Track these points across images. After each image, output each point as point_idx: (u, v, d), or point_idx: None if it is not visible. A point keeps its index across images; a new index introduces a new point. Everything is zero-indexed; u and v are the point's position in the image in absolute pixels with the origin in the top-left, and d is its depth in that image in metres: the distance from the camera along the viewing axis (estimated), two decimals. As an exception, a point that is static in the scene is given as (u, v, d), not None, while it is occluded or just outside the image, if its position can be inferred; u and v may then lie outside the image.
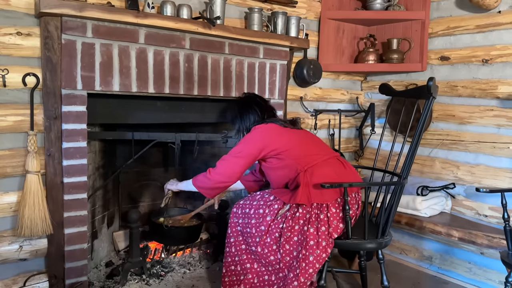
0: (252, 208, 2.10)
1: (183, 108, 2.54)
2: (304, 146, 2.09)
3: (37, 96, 1.93)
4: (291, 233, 1.94)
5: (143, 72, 2.14)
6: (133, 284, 2.39)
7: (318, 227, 1.92)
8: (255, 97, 2.31)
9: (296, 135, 2.13)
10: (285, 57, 2.64)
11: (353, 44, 3.11)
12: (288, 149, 2.05)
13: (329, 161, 2.06)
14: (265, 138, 2.06)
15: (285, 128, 2.12)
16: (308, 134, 2.23)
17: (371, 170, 2.37)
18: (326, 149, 2.15)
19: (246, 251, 2.12)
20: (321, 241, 1.90)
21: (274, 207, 2.04)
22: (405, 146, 2.23)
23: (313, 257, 1.90)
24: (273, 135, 2.08)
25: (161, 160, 3.04)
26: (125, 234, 2.71)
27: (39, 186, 1.89)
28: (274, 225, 2.00)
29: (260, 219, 2.04)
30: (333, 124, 3.09)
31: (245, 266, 2.11)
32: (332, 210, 1.94)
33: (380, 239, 1.97)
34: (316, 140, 2.21)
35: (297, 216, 1.95)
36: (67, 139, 1.97)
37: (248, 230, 2.08)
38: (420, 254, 2.89)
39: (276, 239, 1.98)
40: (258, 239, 2.02)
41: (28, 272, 1.96)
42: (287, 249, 1.95)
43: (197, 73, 2.32)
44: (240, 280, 2.10)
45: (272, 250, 1.99)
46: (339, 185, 1.87)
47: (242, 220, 2.12)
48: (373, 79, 3.25)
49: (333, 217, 1.94)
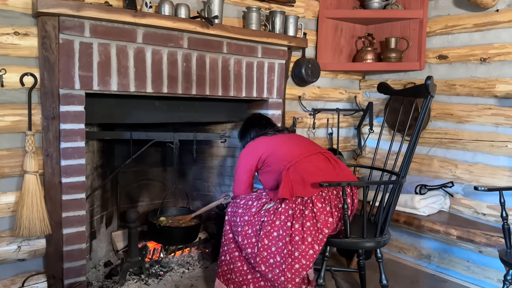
0: (243, 199, 2.16)
1: (182, 107, 2.53)
2: (287, 147, 2.16)
3: (35, 96, 1.92)
4: (271, 227, 1.95)
5: (141, 72, 2.13)
6: (132, 284, 2.39)
7: (303, 222, 1.93)
8: (259, 117, 2.45)
9: (281, 139, 2.23)
10: (283, 56, 2.64)
11: (351, 43, 3.11)
12: (271, 152, 2.14)
13: (311, 157, 2.10)
14: (252, 151, 2.21)
15: (272, 136, 2.24)
16: (294, 136, 2.31)
17: (370, 169, 2.37)
18: (310, 148, 2.18)
19: (233, 240, 2.14)
20: (307, 236, 1.90)
21: (261, 201, 2.09)
22: (403, 145, 2.24)
23: (298, 252, 1.90)
24: (261, 146, 2.21)
25: (159, 159, 3.03)
26: (123, 234, 2.71)
27: (37, 186, 1.89)
28: (257, 217, 2.02)
29: (246, 209, 2.08)
30: (331, 123, 3.10)
31: (233, 255, 2.13)
32: (318, 205, 1.95)
33: (379, 238, 1.97)
34: (302, 141, 2.26)
35: (279, 211, 1.97)
36: (65, 139, 1.97)
37: (234, 219, 2.12)
38: (418, 253, 2.89)
39: (256, 232, 2.00)
40: (240, 229, 2.05)
41: (26, 273, 1.96)
42: (265, 244, 1.95)
43: (196, 73, 2.32)
44: (231, 269, 2.12)
45: (250, 242, 2.01)
46: (337, 184, 1.87)
47: (231, 209, 2.17)
48: (371, 78, 3.26)
49: (320, 212, 1.94)
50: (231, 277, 2.09)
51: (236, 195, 2.26)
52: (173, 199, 3.07)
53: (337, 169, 2.07)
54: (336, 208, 1.95)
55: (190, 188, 3.03)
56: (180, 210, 2.83)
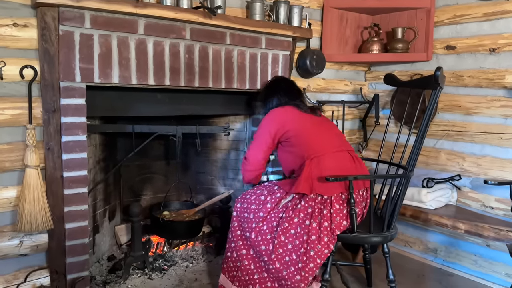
0: (254, 194, 2.10)
1: (184, 100, 2.49)
2: (316, 134, 2.06)
3: (35, 89, 1.89)
4: (289, 224, 1.91)
5: (143, 64, 2.09)
6: (135, 278, 2.37)
7: (320, 222, 1.89)
8: (282, 80, 2.33)
9: (311, 121, 2.11)
10: (287, 48, 2.58)
11: (357, 33, 3.05)
12: (298, 134, 2.04)
13: (338, 154, 2.03)
14: (278, 120, 2.09)
15: (303, 113, 2.12)
16: (325, 122, 2.20)
17: (376, 162, 2.33)
18: (338, 141, 2.11)
19: (241, 237, 2.09)
20: (323, 236, 1.87)
21: (276, 195, 2.02)
22: (410, 137, 2.19)
23: (314, 251, 1.87)
24: (288, 117, 2.09)
25: (162, 153, 3.01)
26: (127, 228, 2.69)
27: (38, 181, 1.86)
28: (273, 213, 1.97)
29: (260, 205, 2.02)
30: (336, 116, 3.05)
31: (240, 253, 2.08)
32: (336, 206, 1.91)
33: (386, 233, 1.93)
34: (332, 130, 2.17)
35: (298, 208, 1.92)
36: (66, 132, 1.94)
37: (245, 215, 2.06)
38: (424, 247, 2.86)
39: (272, 228, 1.95)
40: (254, 225, 2.00)
41: (29, 268, 1.94)
42: (282, 240, 1.91)
43: (198, 65, 2.27)
44: (237, 266, 2.08)
45: (265, 239, 1.96)
46: (344, 178, 1.83)
47: (241, 205, 2.11)
48: (377, 69, 3.20)
49: (336, 213, 1.90)
50: (237, 275, 2.05)
51: (251, 163, 2.16)
52: (176, 193, 3.05)
53: (359, 169, 2.03)
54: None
55: (194, 182, 3.00)
56: (183, 204, 2.80)
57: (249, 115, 2.80)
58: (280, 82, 2.35)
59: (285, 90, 2.26)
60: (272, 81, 2.39)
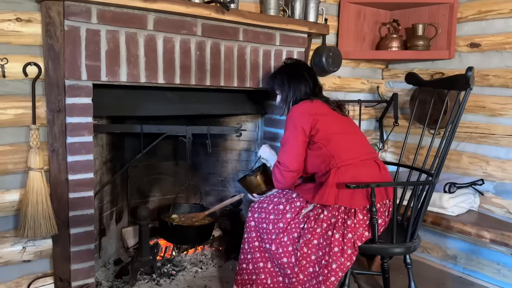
0: (271, 203, 1.97)
1: (195, 99, 2.39)
2: (345, 139, 1.89)
3: (39, 87, 1.80)
4: (311, 235, 1.80)
5: (152, 61, 1.99)
6: (143, 284, 2.28)
7: (344, 233, 1.77)
8: (304, 67, 2.08)
9: (340, 123, 1.94)
10: (302, 44, 2.46)
11: (375, 30, 2.92)
12: (328, 137, 1.85)
13: (365, 163, 1.89)
14: (310, 114, 1.87)
15: (332, 111, 1.95)
16: (352, 124, 2.04)
17: (397, 166, 2.21)
18: (365, 147, 1.96)
19: (259, 248, 1.98)
20: (347, 249, 1.76)
21: (296, 204, 1.90)
22: (429, 139, 2.07)
23: (336, 265, 1.75)
24: (320, 113, 1.89)
25: (171, 153, 2.91)
26: (134, 230, 2.60)
27: (42, 184, 1.78)
28: (294, 224, 1.85)
29: (280, 215, 1.89)
30: (352, 116, 2.91)
31: (257, 265, 1.98)
32: (359, 216, 1.79)
33: (409, 243, 1.82)
34: (359, 134, 2.01)
35: (321, 218, 1.81)
36: (71, 133, 1.85)
37: (264, 225, 1.94)
38: (443, 253, 2.74)
39: (293, 240, 1.84)
40: (274, 236, 1.88)
41: (32, 274, 1.86)
42: (305, 252, 1.81)
43: (210, 62, 2.16)
44: (252, 280, 1.98)
45: (287, 251, 1.85)
46: (366, 186, 1.71)
47: (258, 215, 1.99)
48: (395, 68, 3.06)
49: (359, 224, 1.79)
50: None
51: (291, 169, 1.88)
52: (185, 194, 2.95)
53: (385, 179, 1.90)
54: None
55: (203, 183, 2.90)
56: (193, 207, 2.70)
57: (262, 115, 2.69)
58: (302, 68, 2.06)
59: (312, 79, 2.03)
60: (293, 65, 2.07)
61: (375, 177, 1.86)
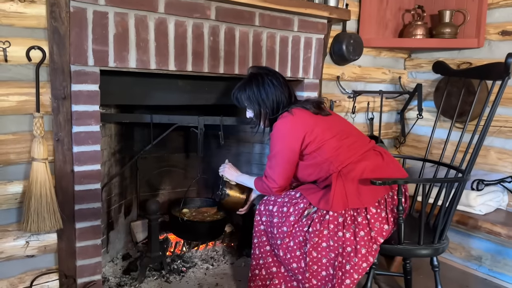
0: (276, 205, 1.84)
1: (207, 88, 2.27)
2: (339, 140, 1.75)
3: (43, 72, 1.69)
4: (318, 238, 1.68)
5: (163, 47, 1.87)
6: (151, 281, 2.18)
7: (355, 231, 1.65)
8: (276, 72, 1.91)
9: (329, 126, 1.78)
10: (322, 31, 2.31)
11: (398, 16, 2.75)
12: (322, 145, 1.73)
13: (366, 155, 1.76)
14: (301, 132, 1.74)
15: (314, 115, 1.79)
16: (338, 120, 1.90)
17: (422, 161, 2.06)
18: (360, 140, 1.82)
19: (271, 253, 1.87)
20: (360, 248, 1.63)
21: (299, 206, 1.77)
22: (463, 134, 1.92)
23: (350, 265, 1.63)
24: (306, 127, 1.74)
25: (182, 145, 2.80)
26: (143, 224, 2.51)
27: (46, 175, 1.67)
28: (298, 227, 1.73)
29: (283, 218, 1.77)
30: (372, 107, 2.78)
31: (270, 270, 1.86)
32: (372, 210, 1.67)
33: (437, 245, 1.68)
34: (349, 128, 1.87)
35: (327, 219, 1.68)
36: (77, 122, 1.74)
37: (271, 229, 1.83)
38: (467, 254, 2.59)
39: (299, 244, 1.72)
40: (279, 242, 1.77)
41: (36, 270, 1.77)
42: (315, 256, 1.68)
43: (224, 48, 2.04)
44: (266, 285, 1.86)
45: (295, 256, 1.74)
46: (393, 182, 1.58)
47: (266, 218, 1.87)
48: (419, 57, 2.89)
49: (374, 218, 1.66)
50: None
51: (279, 188, 1.83)
52: (196, 188, 2.85)
53: (391, 166, 1.77)
54: (392, 212, 1.67)
55: (215, 176, 2.78)
56: (204, 201, 2.59)
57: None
58: (273, 76, 1.86)
59: (287, 87, 1.86)
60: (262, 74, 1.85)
61: (380, 166, 1.73)
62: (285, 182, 1.84)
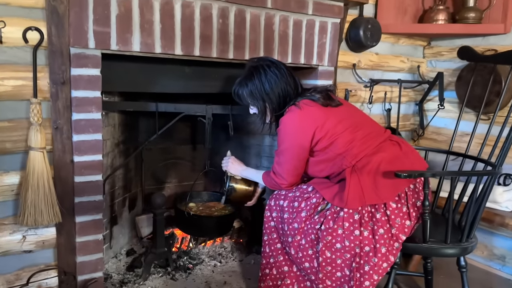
0: (286, 199, 1.72)
1: (215, 76, 2.14)
2: (352, 132, 1.61)
3: (41, 55, 1.57)
4: (332, 237, 1.55)
5: (169, 29, 1.74)
6: (156, 278, 2.08)
7: (374, 229, 1.53)
8: (280, 62, 1.77)
9: (341, 118, 1.64)
10: (338, 14, 2.17)
11: (418, 1, 2.60)
12: (334, 140, 1.60)
13: (382, 146, 1.62)
14: (311, 128, 1.61)
15: (323, 108, 1.64)
16: (349, 109, 1.75)
17: (446, 154, 1.92)
18: (375, 130, 1.68)
19: (282, 251, 1.75)
20: (380, 247, 1.51)
21: (311, 201, 1.64)
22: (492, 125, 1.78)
23: (369, 266, 1.51)
24: (318, 121, 1.61)
25: (189, 136, 2.68)
26: (148, 219, 2.40)
27: (44, 166, 1.57)
28: (310, 224, 1.61)
29: (294, 214, 1.65)
30: (389, 98, 2.63)
31: (282, 270, 1.75)
32: (392, 205, 1.54)
33: (465, 244, 1.55)
34: (363, 118, 1.74)
35: (341, 216, 1.55)
36: (77, 109, 1.63)
37: (282, 226, 1.71)
38: (489, 252, 2.45)
39: (311, 242, 1.60)
40: (290, 239, 1.65)
41: (34, 266, 1.67)
42: (328, 257, 1.56)
43: (233, 32, 1.91)
44: (277, 286, 1.75)
45: (307, 255, 1.62)
46: (420, 174, 1.44)
47: (277, 214, 1.75)
48: (439, 44, 2.73)
49: (395, 214, 1.53)
50: None
51: (289, 185, 1.73)
52: (203, 181, 2.74)
53: (411, 156, 1.63)
54: (414, 206, 1.54)
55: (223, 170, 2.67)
56: (212, 195, 2.47)
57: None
58: (277, 66, 1.72)
59: (292, 77, 1.73)
60: (265, 65, 1.71)
61: (398, 157, 1.59)
62: (295, 179, 1.74)
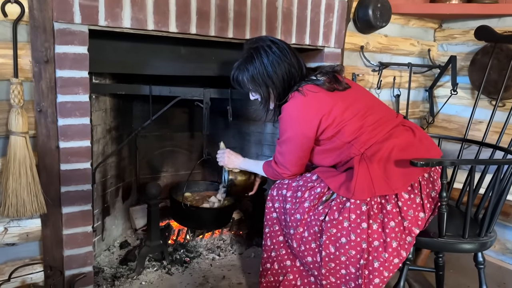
0: (290, 189, 1.59)
1: (214, 57, 2.00)
2: (360, 118, 1.48)
3: (22, 31, 1.44)
4: (337, 230, 1.42)
5: (162, 3, 1.60)
6: (151, 272, 1.96)
7: (384, 222, 1.40)
8: (281, 41, 1.59)
9: (349, 103, 1.50)
10: (346, -8, 2.03)
11: (430, -21, 2.45)
12: (341, 127, 1.47)
13: (394, 132, 1.49)
14: (316, 116, 1.47)
15: (329, 93, 1.50)
16: (359, 93, 1.60)
17: (461, 141, 1.79)
18: (386, 115, 1.54)
19: (284, 244, 1.64)
20: (390, 241, 1.39)
21: (315, 190, 1.52)
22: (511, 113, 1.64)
23: (379, 262, 1.39)
24: (324, 108, 1.47)
25: (186, 122, 2.55)
26: (143, 210, 2.28)
27: (26, 152, 1.44)
28: (313, 215, 1.48)
29: (296, 204, 1.53)
30: (398, 83, 2.49)
31: (284, 264, 1.63)
32: (404, 196, 1.41)
33: (484, 238, 1.42)
34: (373, 101, 1.60)
35: (347, 207, 1.42)
36: (62, 90, 1.49)
37: (284, 217, 1.59)
38: (502, 246, 2.33)
39: (315, 235, 1.48)
40: (292, 231, 1.53)
41: (17, 260, 1.55)
42: (332, 252, 1.44)
43: (233, 8, 1.76)
44: (279, 281, 1.64)
45: (310, 248, 1.50)
46: (439, 163, 1.31)
47: (279, 204, 1.63)
48: (451, 27, 2.58)
49: (407, 205, 1.41)
50: None
51: (292, 175, 1.62)
52: (201, 170, 2.61)
53: (425, 143, 1.49)
54: (429, 197, 1.41)
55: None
56: (209, 185, 2.35)
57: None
58: (279, 47, 1.55)
59: (297, 58, 1.57)
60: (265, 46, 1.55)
61: (412, 144, 1.46)
62: (299, 169, 1.62)
